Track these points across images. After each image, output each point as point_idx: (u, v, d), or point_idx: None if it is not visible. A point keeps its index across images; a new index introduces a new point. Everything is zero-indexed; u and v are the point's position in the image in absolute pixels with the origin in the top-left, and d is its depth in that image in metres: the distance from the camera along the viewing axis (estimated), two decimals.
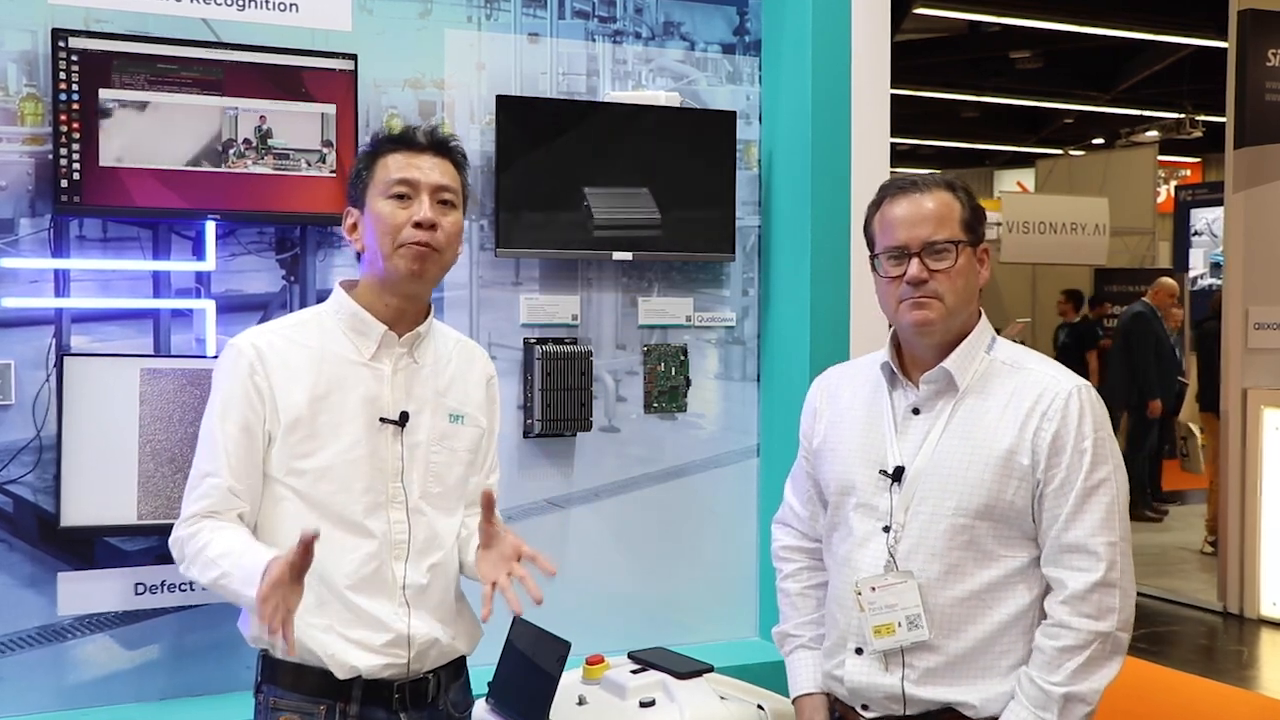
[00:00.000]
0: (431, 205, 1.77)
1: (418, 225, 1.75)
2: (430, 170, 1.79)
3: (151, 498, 2.35)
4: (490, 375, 2.00)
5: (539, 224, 2.94)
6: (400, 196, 1.77)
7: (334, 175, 2.62)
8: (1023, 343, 1.91)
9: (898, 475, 1.80)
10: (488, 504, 1.75)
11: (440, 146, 1.83)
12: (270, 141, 2.57)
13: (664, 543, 3.19)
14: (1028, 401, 1.75)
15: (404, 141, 1.81)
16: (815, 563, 2.01)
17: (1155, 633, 5.21)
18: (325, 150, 2.62)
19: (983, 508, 1.74)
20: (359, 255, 1.86)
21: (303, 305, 2.65)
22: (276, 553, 1.64)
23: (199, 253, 2.60)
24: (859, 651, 1.82)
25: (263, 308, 2.67)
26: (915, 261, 1.77)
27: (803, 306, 3.08)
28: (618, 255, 3.02)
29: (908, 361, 1.86)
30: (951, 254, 1.76)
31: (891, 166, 3.20)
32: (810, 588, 2.01)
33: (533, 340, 3.01)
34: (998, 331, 1.88)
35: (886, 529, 1.80)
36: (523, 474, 3.00)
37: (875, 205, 1.85)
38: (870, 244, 1.86)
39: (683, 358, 3.20)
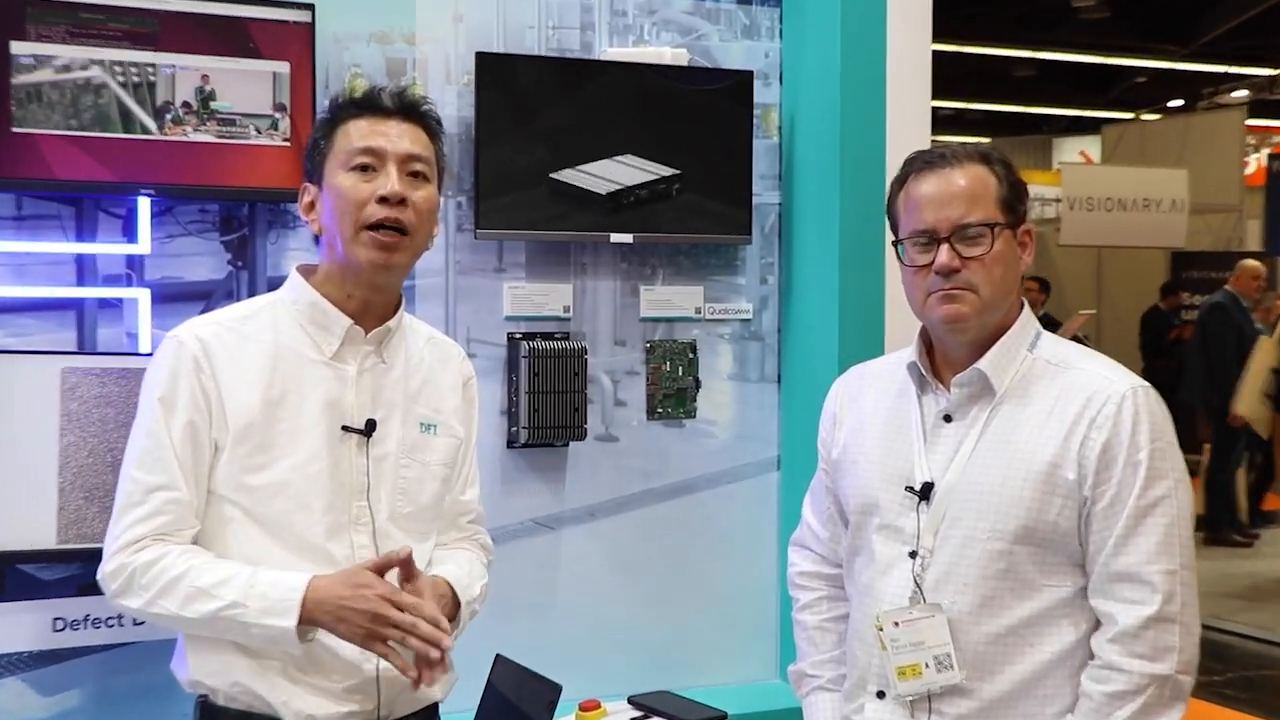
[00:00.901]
0: (400, 178, 1.77)
1: (383, 200, 1.75)
2: (398, 138, 1.79)
3: (74, 518, 2.32)
4: (468, 377, 2.01)
5: (525, 201, 2.95)
6: (363, 168, 1.77)
7: (287, 144, 2.63)
8: (1085, 339, 1.92)
9: (925, 492, 1.80)
10: (405, 564, 1.72)
11: (410, 110, 1.83)
12: (213, 105, 2.58)
13: (670, 570, 3.21)
14: (1074, 406, 1.75)
15: (368, 105, 1.81)
16: (836, 591, 2.01)
17: (1247, 677, 5.14)
18: (277, 115, 2.63)
19: (1022, 530, 1.74)
20: (317, 238, 1.86)
21: (252, 295, 2.64)
22: (307, 571, 1.67)
23: (130, 234, 2.60)
24: (880, 695, 1.82)
25: (205, 297, 2.67)
26: (945, 248, 1.76)
27: (830, 296, 3.09)
28: (616, 237, 3.03)
29: (939, 361, 1.86)
30: (987, 239, 1.75)
31: (933, 134, 3.19)
32: (830, 620, 2.01)
33: (518, 336, 3.02)
34: (1052, 326, 1.89)
35: (913, 554, 1.81)
36: (506, 490, 3.01)
37: (899, 182, 1.85)
38: (894, 227, 1.86)
39: (691, 356, 3.22)
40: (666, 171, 3.03)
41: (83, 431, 2.35)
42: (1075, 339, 2.09)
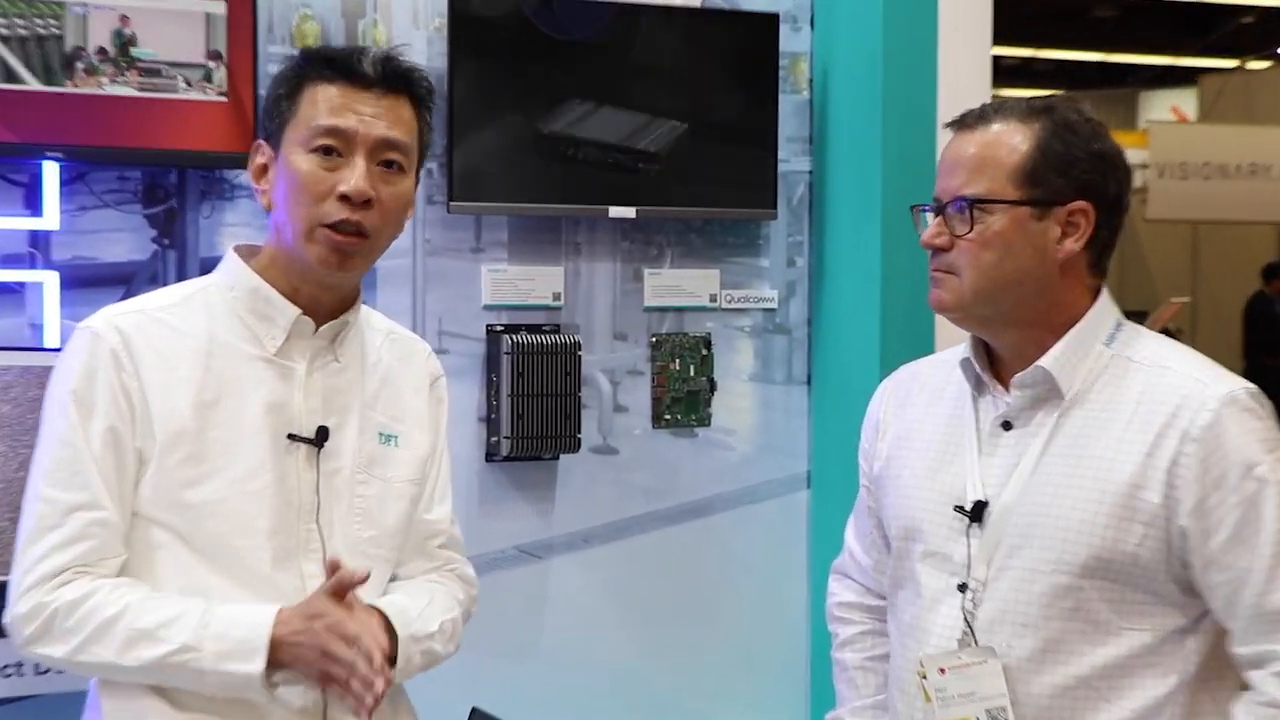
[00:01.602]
0: (368, 169, 1.77)
1: (344, 199, 1.75)
2: (374, 118, 1.78)
3: None
4: (435, 376, 2.00)
5: (508, 168, 2.94)
6: (326, 152, 1.77)
7: (223, 99, 2.63)
8: (1177, 332, 1.91)
9: (978, 513, 1.81)
10: (334, 574, 1.73)
11: (395, 81, 1.81)
12: (134, 51, 2.57)
13: (680, 606, 3.20)
14: (1161, 415, 1.75)
15: (344, 69, 1.79)
16: (882, 625, 2.03)
17: None
18: (211, 65, 2.63)
19: (1093, 562, 1.74)
20: (267, 211, 1.85)
21: (181, 279, 2.61)
22: (274, 604, 1.69)
23: (34, 205, 2.61)
24: None
25: (125, 281, 2.68)
26: (935, 222, 1.82)
27: (871, 281, 3.07)
28: (616, 211, 3.02)
29: (999, 359, 1.88)
30: (970, 215, 1.78)
31: (995, 88, 3.20)
32: (874, 659, 2.03)
33: (499, 328, 3.02)
34: (1137, 317, 1.90)
35: (962, 587, 1.82)
36: (485, 512, 3.02)
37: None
38: None
39: (705, 352, 3.21)
40: (669, 159, 3.06)
41: None
42: (1165, 332, 2.09)
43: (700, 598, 3.21)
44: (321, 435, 1.83)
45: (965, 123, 1.84)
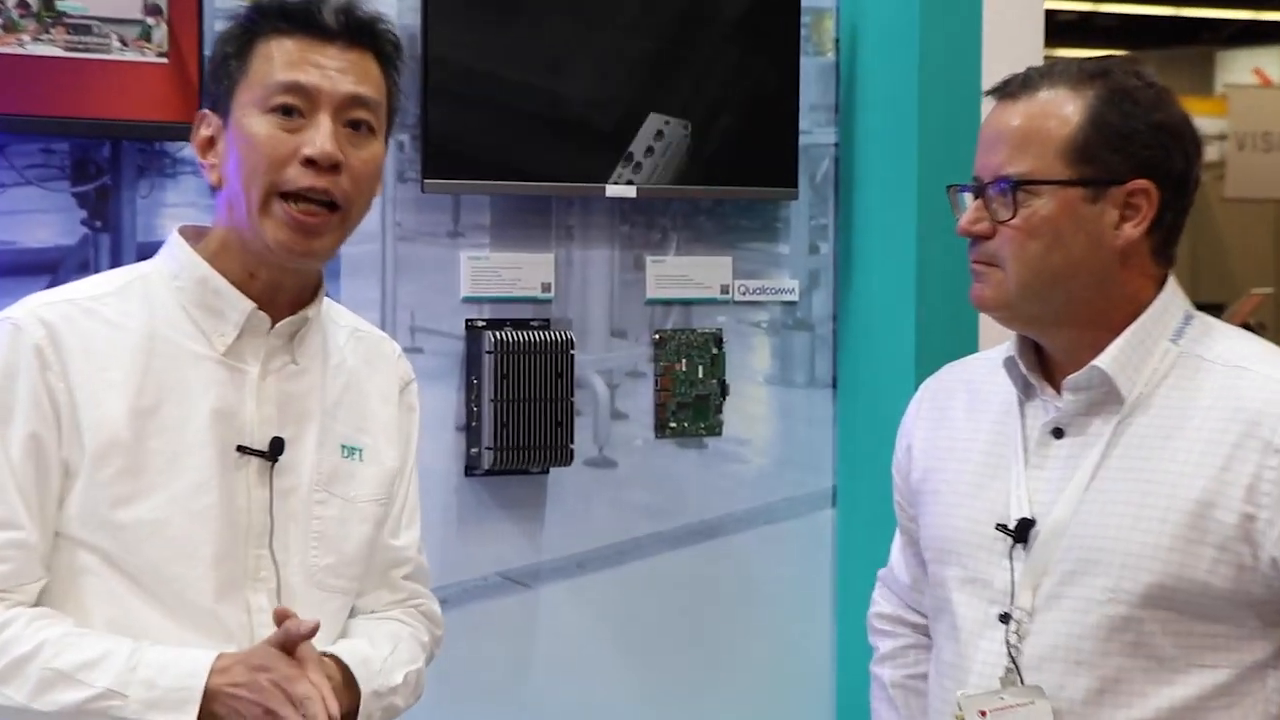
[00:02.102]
0: (335, 130, 1.77)
1: (310, 163, 1.75)
2: (339, 74, 1.78)
3: None
4: (405, 380, 2.01)
5: (490, 140, 2.93)
6: (286, 111, 1.77)
7: (164, 60, 2.62)
8: (1259, 327, 1.89)
9: (1023, 533, 1.81)
10: (281, 625, 1.73)
11: (359, 33, 1.81)
12: (61, 5, 2.56)
13: (686, 641, 3.19)
14: (1238, 422, 1.74)
15: (302, 21, 1.79)
16: (927, 641, 2.04)
17: None
18: (150, 21, 2.63)
19: (1155, 591, 1.74)
20: (215, 189, 1.86)
21: (116, 266, 2.48)
22: (193, 644, 1.70)
23: None
24: None
25: (50, 270, 2.67)
26: (974, 205, 1.81)
27: (905, 270, 3.06)
28: (615, 190, 3.02)
29: (1050, 358, 1.89)
30: (1014, 198, 1.77)
31: (1048, 48, 3.19)
32: (915, 677, 2.04)
33: (481, 324, 3.00)
34: (1213, 311, 1.88)
35: (1004, 618, 1.82)
36: (463, 534, 3.01)
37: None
38: None
39: (715, 351, 3.20)
40: (676, 130, 3.05)
41: None
42: (1245, 328, 2.08)
43: (710, 632, 3.20)
44: (276, 448, 1.83)
45: (1008, 90, 1.83)
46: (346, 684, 1.80)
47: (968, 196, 1.85)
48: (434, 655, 2.01)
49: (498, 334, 2.97)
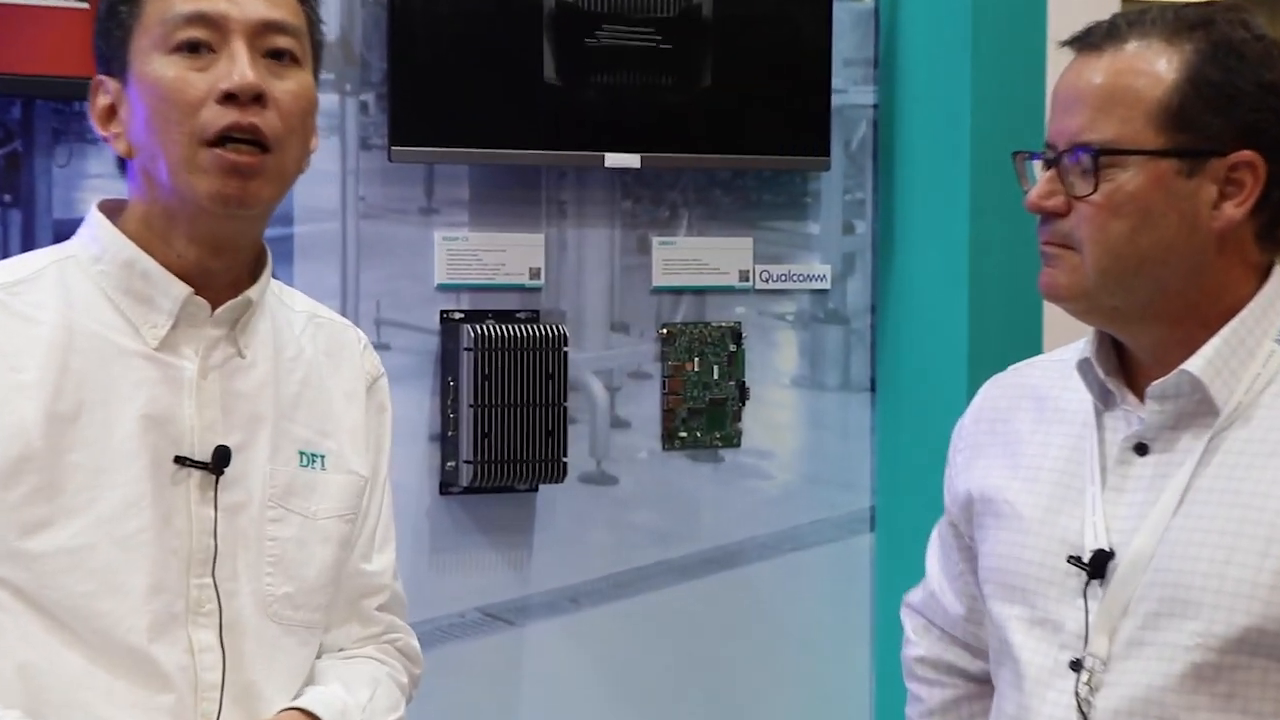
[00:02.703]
0: (253, 60, 1.78)
1: (229, 99, 1.76)
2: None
3: None
4: (374, 376, 2.01)
5: (469, 102, 2.93)
6: (193, 47, 1.77)
7: (83, 6, 2.62)
8: None
9: (1100, 566, 1.80)
10: None
11: None
12: None
13: (699, 689, 3.17)
14: None
15: None
16: (979, 689, 2.03)
17: None
18: None
19: (1254, 635, 1.72)
20: (123, 163, 1.86)
21: (29, 249, 2.48)
22: (152, 695, 1.70)
23: None
24: None
25: None
26: (1046, 177, 1.80)
27: (956, 253, 3.06)
28: (615, 160, 3.02)
29: (1133, 359, 1.88)
30: (1096, 170, 1.76)
31: None
32: None
33: (458, 316, 3.00)
34: None
35: (1076, 665, 1.81)
36: (437, 562, 3.00)
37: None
38: None
39: (733, 348, 3.20)
40: (685, 90, 3.04)
41: None
42: None
43: (728, 679, 3.19)
44: (220, 457, 1.81)
45: (1089, 42, 1.81)
46: None
47: (1038, 166, 1.83)
48: (411, 698, 2.00)
49: (478, 328, 2.96)
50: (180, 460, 1.79)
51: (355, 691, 1.89)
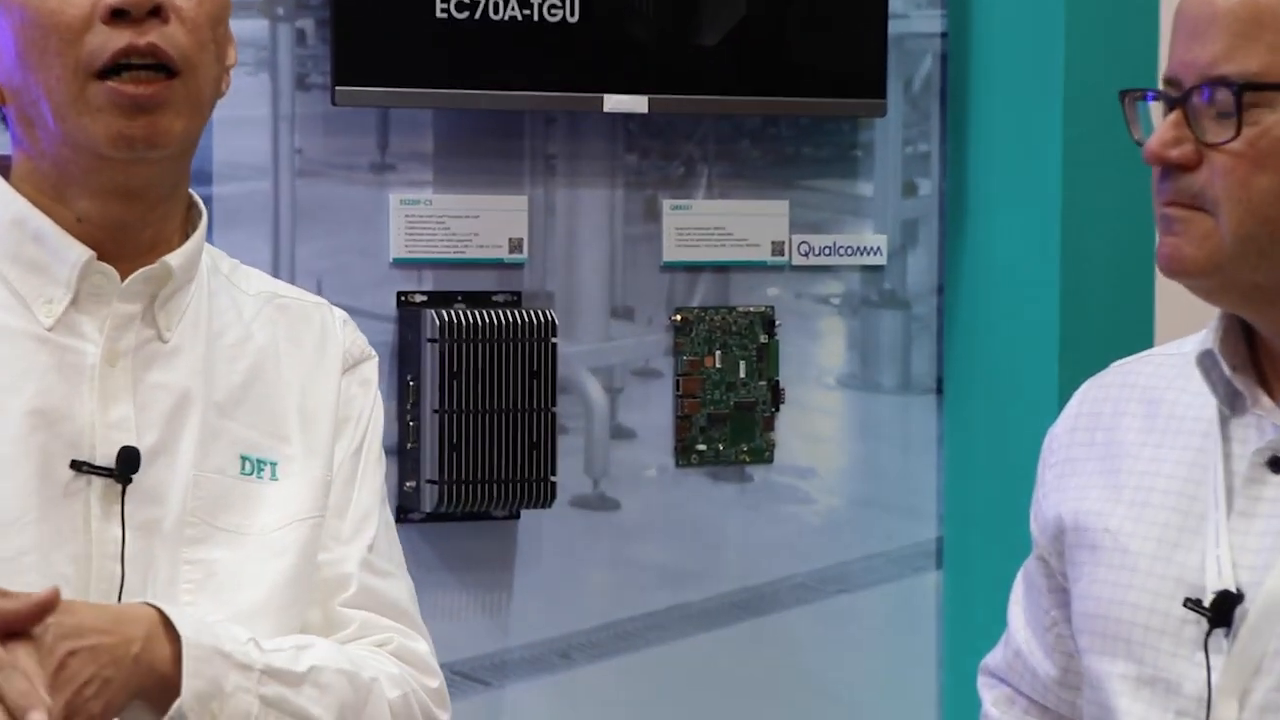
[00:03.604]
0: None
1: (117, 15, 1.76)
2: None
3: None
4: (356, 357, 2.02)
5: (434, 31, 2.93)
6: None
7: None
8: None
9: (1225, 612, 1.80)
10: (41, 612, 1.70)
11: None
12: None
13: None
14: None
15: None
16: None
17: None
18: None
19: None
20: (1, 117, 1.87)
21: None
22: None
23: None
24: None
25: None
26: (1169, 121, 1.79)
27: (1046, 220, 3.05)
28: (615, 103, 3.02)
29: (1266, 354, 1.87)
30: (1238, 111, 1.75)
31: None
32: None
33: (419, 300, 3.01)
34: None
35: None
36: None
37: None
38: None
39: (765, 339, 3.19)
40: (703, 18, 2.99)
41: None
42: None
43: None
44: (127, 462, 1.81)
45: None
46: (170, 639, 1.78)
47: (1156, 108, 1.82)
48: (433, 715, 1.95)
49: (444, 314, 2.97)
50: (77, 465, 1.79)
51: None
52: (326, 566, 1.96)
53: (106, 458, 1.79)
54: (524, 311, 3.02)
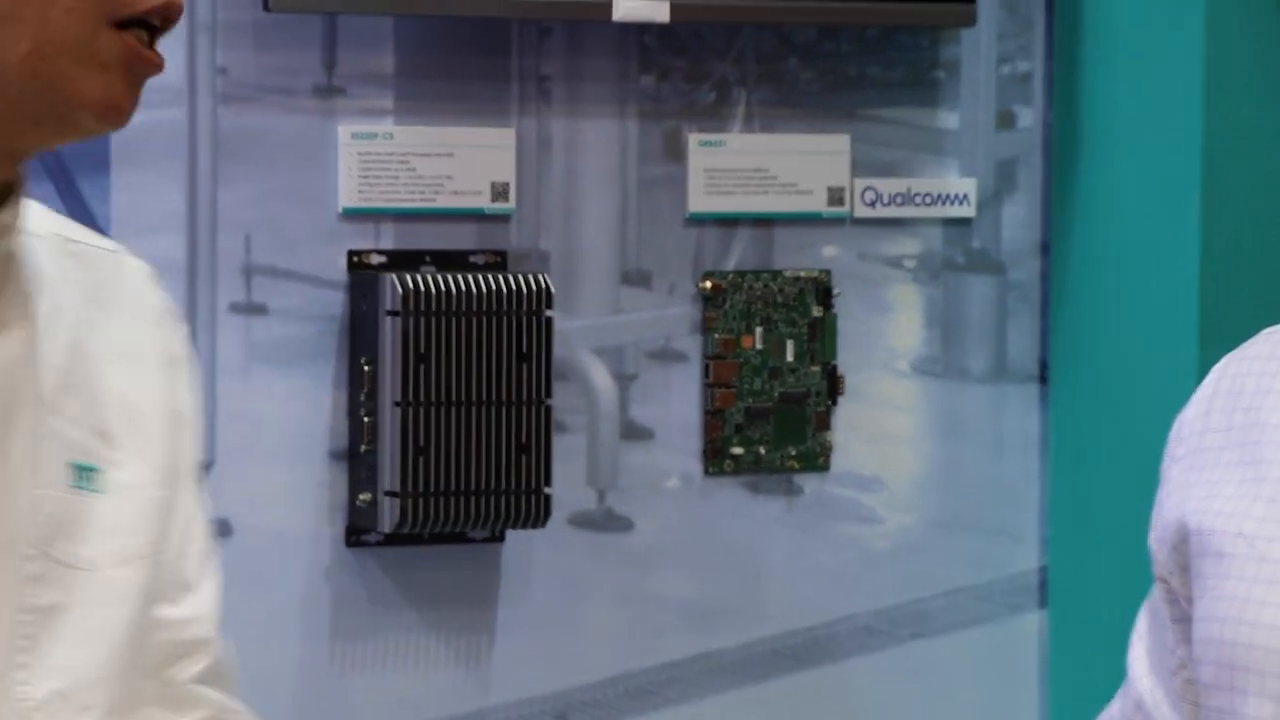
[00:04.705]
0: None
1: None
2: None
3: None
4: (162, 314, 1.82)
5: None
6: None
7: None
8: None
9: None
10: None
11: None
12: None
13: None
14: None
15: None
16: None
17: None
18: None
19: None
20: None
21: None
22: None
23: None
24: None
25: None
26: None
27: (1183, 162, 2.94)
28: (627, 9, 2.92)
29: None
30: None
31: None
32: None
33: (377, 261, 2.95)
34: None
35: None
36: (344, 653, 2.90)
37: None
38: None
39: (819, 312, 3.10)
40: None
41: None
42: None
43: None
44: None
45: None
46: None
47: None
48: None
49: (409, 280, 2.86)
50: None
51: None
52: (174, 626, 1.75)
53: None
54: (510, 277, 2.89)
